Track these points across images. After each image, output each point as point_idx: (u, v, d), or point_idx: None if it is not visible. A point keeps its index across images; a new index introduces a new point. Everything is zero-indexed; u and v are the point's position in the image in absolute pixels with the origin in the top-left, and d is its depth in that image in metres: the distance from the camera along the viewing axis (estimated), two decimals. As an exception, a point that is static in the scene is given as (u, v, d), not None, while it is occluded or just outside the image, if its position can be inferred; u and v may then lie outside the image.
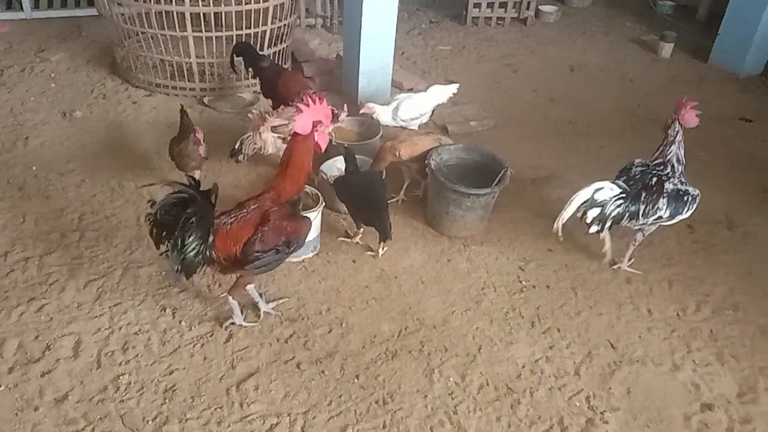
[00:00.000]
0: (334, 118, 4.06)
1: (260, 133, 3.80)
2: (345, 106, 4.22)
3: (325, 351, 2.94)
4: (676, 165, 3.40)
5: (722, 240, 3.94)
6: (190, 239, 2.61)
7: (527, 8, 7.44)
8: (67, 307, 3.06)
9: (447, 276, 3.46)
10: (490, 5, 7.30)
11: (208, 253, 2.69)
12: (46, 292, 3.13)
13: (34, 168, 4.08)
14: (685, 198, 3.38)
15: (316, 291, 3.27)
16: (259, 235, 2.76)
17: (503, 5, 7.33)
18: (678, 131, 3.37)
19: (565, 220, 3.29)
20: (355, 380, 2.81)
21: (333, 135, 4.09)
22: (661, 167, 3.40)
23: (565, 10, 8.01)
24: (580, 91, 5.75)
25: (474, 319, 3.19)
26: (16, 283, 3.17)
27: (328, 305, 3.19)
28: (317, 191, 3.54)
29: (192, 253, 2.63)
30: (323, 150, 2.98)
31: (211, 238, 2.68)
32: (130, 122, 4.73)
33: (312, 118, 2.85)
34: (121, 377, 2.73)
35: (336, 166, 3.91)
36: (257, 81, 4.75)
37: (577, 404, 2.79)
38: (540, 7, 7.66)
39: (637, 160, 3.51)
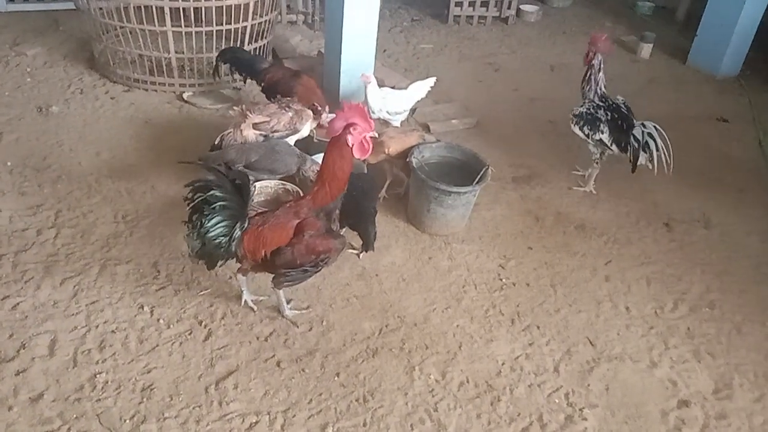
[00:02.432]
0: (317, 116, 4.05)
1: (241, 130, 3.77)
2: (327, 107, 4.19)
3: (306, 349, 2.93)
4: (604, 90, 4.08)
5: (699, 239, 4.00)
6: (210, 225, 2.62)
7: (509, 7, 7.47)
8: (42, 305, 3.01)
9: (428, 274, 3.46)
10: (472, 4, 7.32)
11: (232, 248, 2.68)
12: (21, 290, 3.08)
13: (9, 164, 4.00)
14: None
15: (296, 289, 3.25)
16: (291, 249, 2.73)
17: (485, 4, 7.36)
18: (600, 60, 4.01)
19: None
20: (336, 378, 2.80)
21: (315, 132, 4.11)
22: (606, 100, 4.07)
23: (546, 9, 8.06)
24: (560, 90, 5.79)
25: (455, 317, 3.20)
26: (-11, 281, 3.12)
27: (309, 303, 3.17)
28: (298, 188, 3.52)
29: (214, 243, 2.65)
30: (362, 157, 2.79)
31: (237, 233, 2.67)
32: (108, 118, 4.66)
33: (345, 120, 2.69)
34: (97, 376, 2.69)
35: (318, 163, 3.89)
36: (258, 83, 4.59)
37: (557, 401, 2.81)
38: (521, 7, 7.70)
39: (579, 109, 4.10)
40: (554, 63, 6.55)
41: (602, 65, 4.04)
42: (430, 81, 4.59)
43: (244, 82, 5.01)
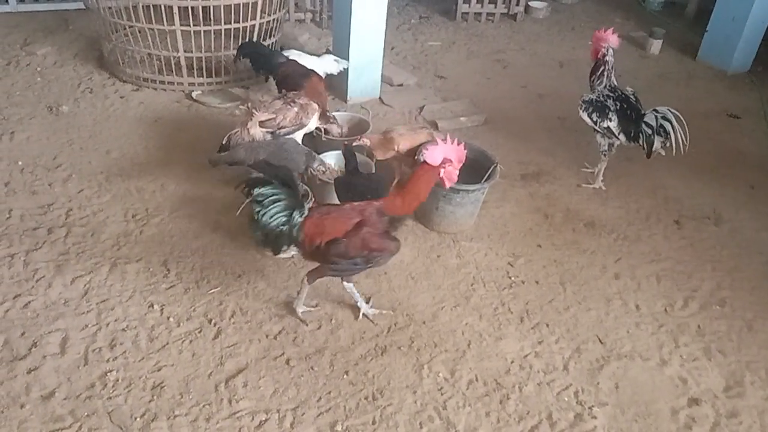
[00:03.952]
0: (330, 125, 4.06)
1: (248, 129, 3.77)
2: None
3: (315, 347, 2.93)
4: (615, 82, 4.12)
5: (709, 236, 3.97)
6: (269, 215, 2.78)
7: (517, 4, 7.45)
8: (53, 303, 3.04)
9: (436, 272, 3.46)
10: (480, 1, 7.30)
11: (293, 233, 2.79)
12: (33, 289, 3.10)
13: (19, 163, 4.03)
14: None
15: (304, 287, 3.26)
16: (345, 240, 2.78)
17: (493, 1, 7.33)
18: (610, 53, 4.05)
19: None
20: (345, 376, 2.80)
21: (322, 131, 4.11)
22: (616, 91, 4.09)
23: (554, 6, 8.03)
24: (569, 87, 5.76)
25: (463, 315, 3.20)
26: (1, 279, 3.14)
27: (318, 301, 3.18)
28: (307, 187, 3.53)
29: (275, 231, 2.79)
30: (446, 187, 2.95)
31: (297, 219, 2.79)
32: (118, 117, 4.69)
33: (444, 154, 2.85)
34: (108, 374, 2.71)
35: (325, 162, 3.89)
36: (273, 79, 4.67)
37: (566, 399, 2.80)
38: (530, 3, 7.67)
39: (589, 96, 4.12)
40: (563, 59, 6.52)
41: (612, 58, 4.06)
42: (344, 63, 4.82)
43: (266, 80, 5.02)
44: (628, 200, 4.23)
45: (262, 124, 3.81)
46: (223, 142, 3.80)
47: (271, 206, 2.80)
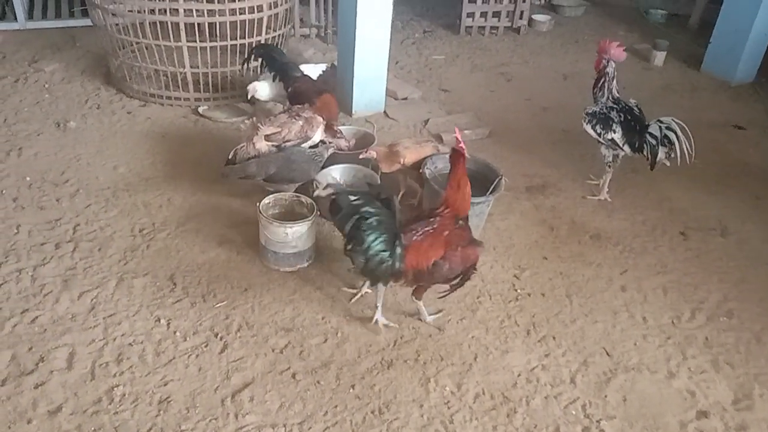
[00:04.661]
0: (331, 132, 4.08)
1: (254, 143, 3.80)
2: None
3: (321, 361, 2.93)
4: (618, 94, 4.13)
5: (716, 247, 3.96)
6: (370, 240, 2.69)
7: (520, 17, 7.48)
8: (60, 318, 3.05)
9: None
10: (484, 15, 7.34)
11: (397, 264, 2.74)
12: (40, 304, 3.12)
13: (27, 178, 4.07)
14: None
15: (311, 300, 3.27)
16: (446, 262, 2.81)
17: (497, 14, 7.38)
18: (614, 68, 4.05)
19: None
20: (351, 390, 2.80)
21: (327, 143, 4.13)
22: (619, 103, 4.11)
23: (558, 19, 8.06)
24: (573, 99, 5.77)
25: (470, 328, 3.19)
26: (9, 295, 3.16)
27: (323, 315, 3.18)
28: (312, 200, 3.54)
29: (376, 259, 2.71)
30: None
31: (399, 250, 2.73)
32: (125, 132, 4.73)
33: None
34: (115, 389, 2.71)
35: (330, 175, 3.91)
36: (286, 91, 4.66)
37: (573, 412, 2.79)
38: (533, 17, 7.71)
39: (592, 108, 4.14)
40: (567, 72, 6.54)
41: (615, 72, 4.07)
42: (322, 66, 4.96)
43: (273, 80, 5.01)
44: (634, 212, 4.23)
45: (267, 137, 3.84)
46: (230, 157, 3.82)
47: (373, 230, 2.70)
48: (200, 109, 5.07)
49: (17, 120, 4.75)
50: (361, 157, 3.84)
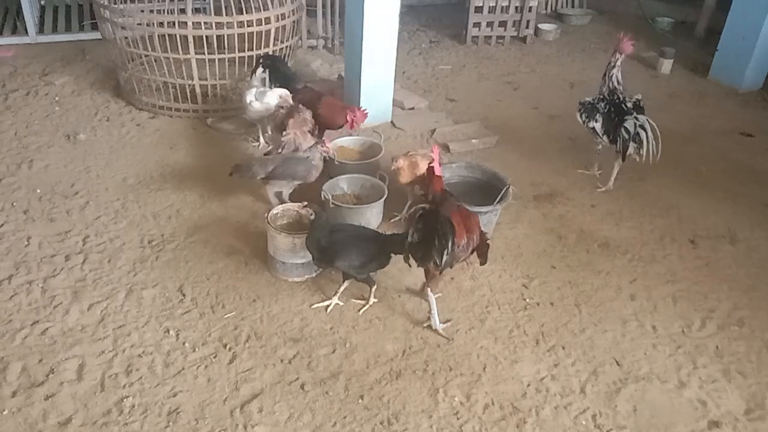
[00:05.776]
0: (320, 143, 4.10)
1: (301, 137, 3.92)
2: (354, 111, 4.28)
3: (329, 371, 2.93)
4: (617, 86, 4.30)
5: (725, 255, 3.94)
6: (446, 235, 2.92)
7: (526, 27, 7.50)
8: (70, 329, 3.06)
9: (450, 294, 3.45)
10: (490, 24, 7.37)
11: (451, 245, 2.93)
12: (50, 315, 3.14)
13: (38, 191, 4.10)
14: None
15: (319, 311, 3.27)
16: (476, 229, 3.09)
17: (503, 24, 7.40)
18: (618, 59, 4.29)
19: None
20: (360, 401, 2.80)
21: (335, 154, 4.14)
22: (613, 95, 4.32)
23: (564, 28, 8.08)
24: (581, 107, 5.77)
25: (478, 338, 3.18)
26: (20, 306, 3.18)
27: (332, 325, 3.19)
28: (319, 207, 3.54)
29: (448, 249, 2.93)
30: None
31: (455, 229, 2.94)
32: (134, 144, 4.76)
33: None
34: (124, 400, 2.72)
35: (338, 185, 3.93)
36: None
37: (584, 423, 2.77)
38: (539, 26, 7.73)
39: (586, 99, 4.41)
40: (574, 80, 6.55)
41: (618, 63, 4.29)
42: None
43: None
44: (642, 220, 4.21)
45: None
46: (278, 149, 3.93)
47: (447, 225, 2.94)
48: (208, 121, 5.11)
49: (28, 133, 4.80)
50: (392, 168, 3.84)
